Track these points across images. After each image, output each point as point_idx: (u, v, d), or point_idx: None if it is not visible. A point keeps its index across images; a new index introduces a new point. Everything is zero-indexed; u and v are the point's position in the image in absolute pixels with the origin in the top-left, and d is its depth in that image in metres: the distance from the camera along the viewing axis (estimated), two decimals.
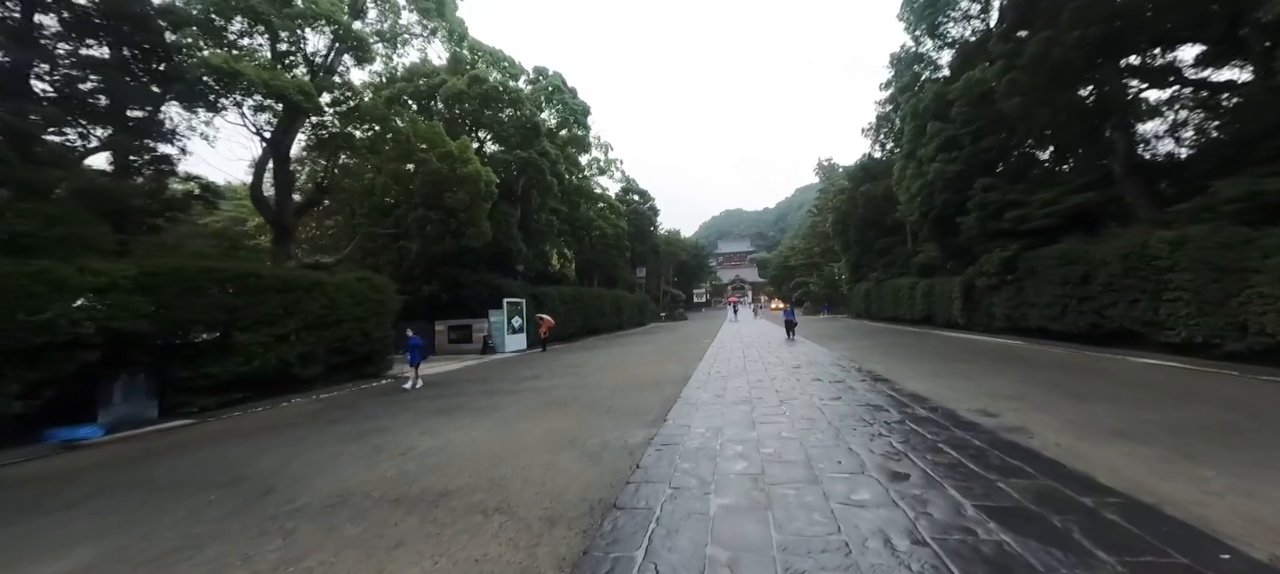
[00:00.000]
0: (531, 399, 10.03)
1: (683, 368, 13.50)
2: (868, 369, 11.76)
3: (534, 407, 9.20)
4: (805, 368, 12.33)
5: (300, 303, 12.67)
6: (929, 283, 26.80)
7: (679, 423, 7.16)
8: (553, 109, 29.12)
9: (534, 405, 9.33)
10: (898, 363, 12.71)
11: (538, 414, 8.50)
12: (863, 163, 39.26)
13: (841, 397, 8.48)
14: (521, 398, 10.26)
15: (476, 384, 12.93)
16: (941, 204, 20.72)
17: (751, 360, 14.41)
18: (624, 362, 16.29)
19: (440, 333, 24.24)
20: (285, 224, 14.82)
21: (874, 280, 36.87)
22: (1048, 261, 15.90)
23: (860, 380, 10.16)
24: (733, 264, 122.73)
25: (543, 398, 10.10)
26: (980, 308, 21.35)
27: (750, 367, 13.01)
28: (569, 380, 12.50)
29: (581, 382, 12.12)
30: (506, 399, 10.21)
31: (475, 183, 18.36)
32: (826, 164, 76.73)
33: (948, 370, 11.12)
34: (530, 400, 9.90)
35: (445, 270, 24.06)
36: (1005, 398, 7.88)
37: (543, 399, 9.96)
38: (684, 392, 9.70)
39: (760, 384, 10.08)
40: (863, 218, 40.24)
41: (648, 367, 14.45)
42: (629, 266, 50.61)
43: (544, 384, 12.14)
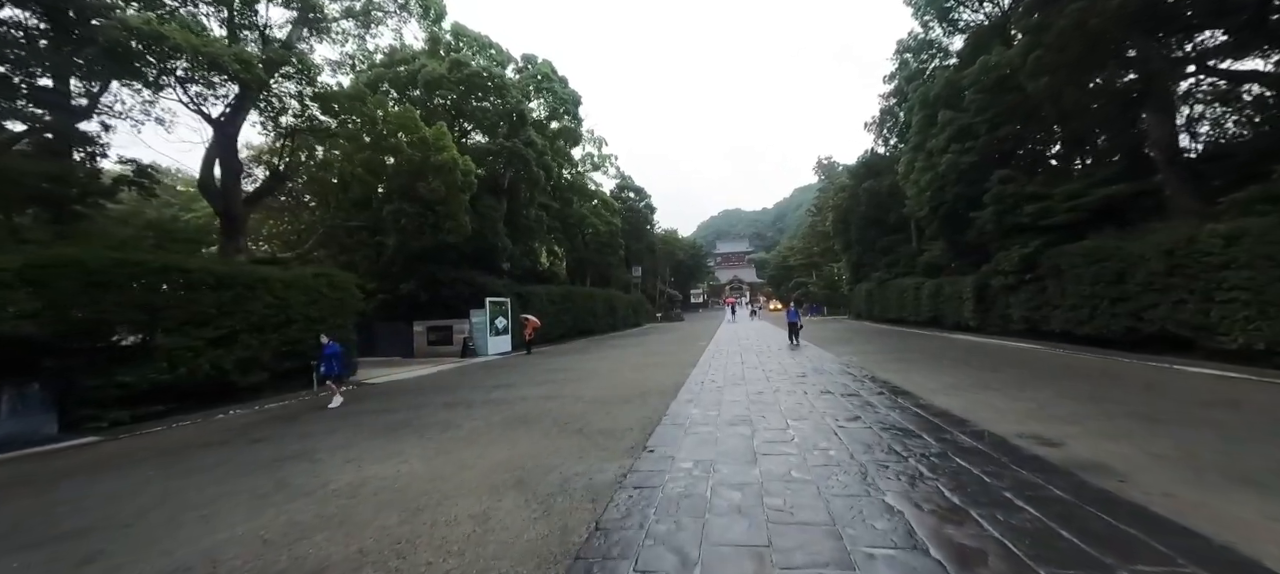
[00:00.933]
0: (494, 414, 8.59)
1: (674, 375, 12.08)
2: (883, 379, 10.35)
3: (494, 425, 7.76)
4: (811, 377, 10.92)
5: (241, 302, 11.21)
6: (937, 283, 25.42)
7: (662, 452, 5.74)
8: (542, 99, 27.68)
9: (495, 423, 7.89)
10: (915, 371, 11.31)
11: (494, 436, 7.06)
12: (865, 159, 37.90)
13: (860, 416, 7.06)
14: (483, 412, 8.82)
15: (440, 393, 11.49)
16: (953, 198, 19.34)
17: (750, 367, 13.00)
18: (611, 367, 14.87)
19: (419, 334, 22.77)
20: (234, 215, 13.39)
21: (876, 280, 35.51)
22: (1075, 259, 14.52)
23: (877, 393, 8.74)
24: (731, 264, 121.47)
25: (508, 412, 8.67)
26: (994, 309, 19.98)
27: (749, 375, 11.60)
28: (544, 389, 11.07)
29: (558, 391, 10.69)
30: (466, 414, 8.77)
31: (451, 172, 16.90)
32: (826, 162, 75.41)
33: (976, 381, 9.72)
34: (492, 415, 8.46)
35: (424, 267, 22.60)
36: (1059, 420, 6.47)
37: (507, 414, 8.52)
38: (672, 406, 8.28)
39: (761, 398, 8.66)
40: (865, 216, 38.84)
41: (635, 373, 13.03)
42: (624, 266, 49.20)
43: (516, 394, 10.70)
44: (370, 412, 9.65)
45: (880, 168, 37.08)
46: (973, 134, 18.31)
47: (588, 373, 13.70)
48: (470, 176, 17.95)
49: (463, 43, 25.18)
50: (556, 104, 27.18)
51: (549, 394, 10.42)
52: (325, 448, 6.94)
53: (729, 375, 11.54)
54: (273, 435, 7.97)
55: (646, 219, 53.32)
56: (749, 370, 12.26)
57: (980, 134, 18.12)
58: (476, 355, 21.03)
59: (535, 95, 27.70)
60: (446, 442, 6.88)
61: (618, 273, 45.81)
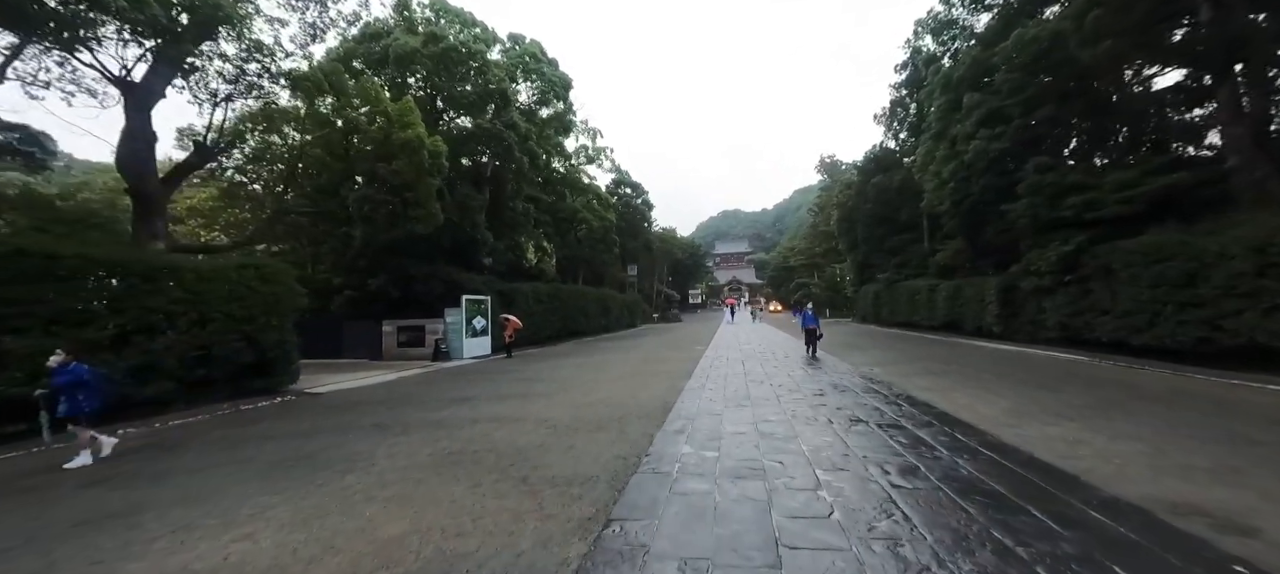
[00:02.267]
0: (426, 446, 6.58)
1: (665, 390, 10.09)
2: (922, 400, 8.35)
3: (416, 465, 5.76)
4: (831, 397, 8.92)
5: (137, 296, 9.19)
6: (955, 285, 23.46)
7: (631, 533, 3.75)
8: (531, 83, 25.66)
9: (419, 461, 5.89)
10: (958, 390, 9.32)
11: (407, 488, 5.06)
12: (874, 153, 35.98)
13: (917, 465, 5.07)
14: (415, 441, 6.81)
15: (380, 409, 9.47)
16: (980, 190, 17.37)
17: (755, 380, 11.00)
18: (594, 376, 12.88)
19: (388, 334, 20.72)
20: (148, 194, 11.37)
21: (884, 281, 33.59)
22: (1131, 257, 12.56)
23: (924, 424, 6.75)
24: (730, 265, 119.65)
25: (446, 443, 6.66)
26: (1023, 314, 18.03)
27: (755, 391, 9.60)
28: (507, 406, 9.07)
29: (521, 410, 8.69)
30: (392, 444, 6.76)
31: (417, 152, 14.87)
32: (829, 160, 73.62)
33: (1040, 405, 7.73)
34: (422, 449, 6.45)
35: (395, 261, 20.57)
36: (1208, 477, 4.50)
37: (443, 446, 6.51)
38: (657, 440, 6.29)
39: (773, 430, 6.66)
40: (872, 214, 36.89)
41: (620, 385, 11.04)
42: (619, 264, 47.19)
43: (469, 413, 8.70)
44: (277, 435, 7.62)
45: (889, 163, 35.19)
46: (1004, 117, 16.33)
47: (565, 383, 11.70)
48: (440, 159, 15.92)
49: (443, 18, 23.17)
50: (545, 88, 25.18)
51: (509, 414, 8.41)
52: (171, 496, 4.94)
53: (731, 392, 9.54)
54: (121, 473, 5.95)
55: (643, 216, 51.30)
56: (754, 385, 10.25)
57: (1013, 117, 16.14)
58: (449, 359, 19.01)
59: (523, 79, 25.70)
60: (336, 496, 4.87)
61: (612, 271, 43.81)
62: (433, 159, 15.58)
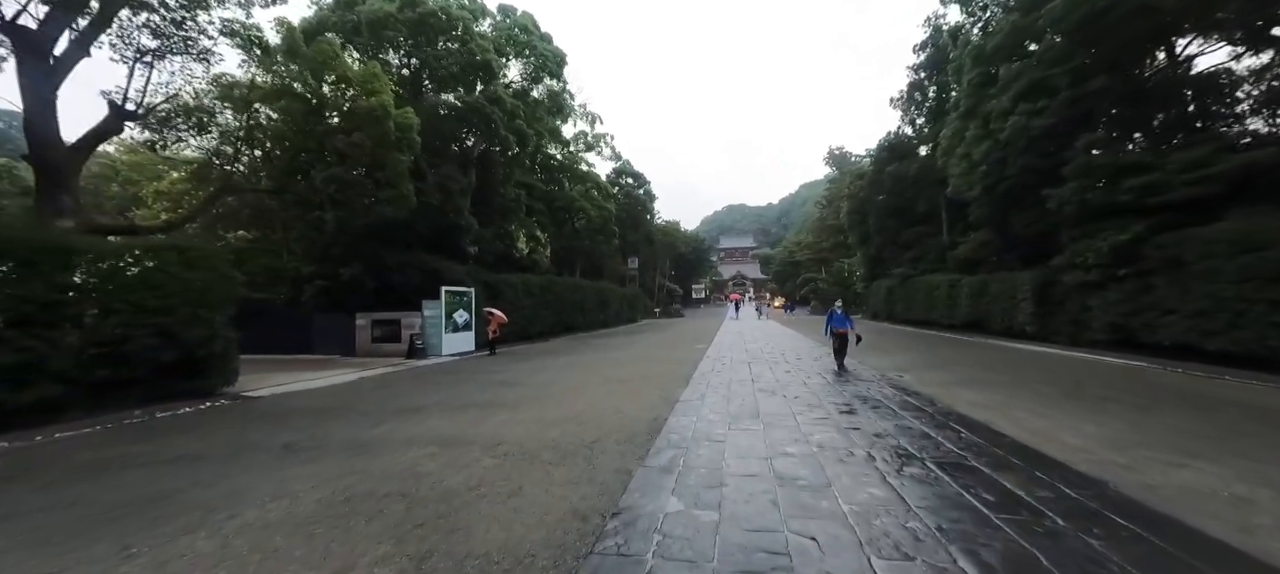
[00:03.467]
0: (325, 485, 4.87)
1: (655, 400, 8.34)
2: (979, 421, 6.56)
3: (288, 520, 4.04)
4: (862, 413, 7.14)
5: (7, 283, 7.50)
6: (979, 280, 21.59)
7: None
8: (522, 61, 23.84)
9: (298, 514, 4.18)
10: (1020, 408, 7.52)
11: (245, 562, 3.34)
12: (888, 140, 33.97)
13: (1035, 551, 3.30)
14: (313, 476, 5.10)
15: (305, 421, 7.75)
16: (1018, 171, 15.44)
17: (765, 388, 9.23)
18: (579, 379, 11.16)
19: (361, 329, 19.05)
20: (52, 163, 9.69)
21: (899, 277, 31.71)
22: (1210, 247, 10.69)
23: (1002, 464, 4.98)
24: (734, 260, 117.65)
25: (350, 481, 4.94)
26: (1062, 312, 16.16)
27: (766, 405, 7.83)
28: (458, 423, 7.36)
29: (474, 428, 6.98)
30: (282, 478, 5.04)
31: (380, 122, 13.11)
32: (838, 152, 71.55)
33: (1148, 436, 5.94)
34: (316, 490, 4.73)
35: (370, 249, 18.87)
36: None
37: (343, 487, 4.80)
38: (635, 483, 4.56)
39: (794, 475, 4.90)
40: (886, 205, 34.96)
41: (604, 393, 9.30)
42: (620, 256, 45.46)
43: (408, 430, 6.98)
44: (153, 460, 5.92)
45: (905, 150, 33.22)
46: (1048, 90, 14.39)
47: (544, 389, 9.97)
48: (411, 132, 14.15)
49: None
50: (538, 65, 23.37)
51: (457, 433, 6.69)
52: None
53: (736, 406, 7.77)
54: None
55: (645, 207, 49.47)
56: (765, 397, 8.48)
57: (1059, 90, 14.20)
58: (426, 356, 17.32)
59: (514, 56, 23.87)
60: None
61: (612, 264, 42.09)
62: (402, 132, 13.82)
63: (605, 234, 36.32)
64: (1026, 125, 14.44)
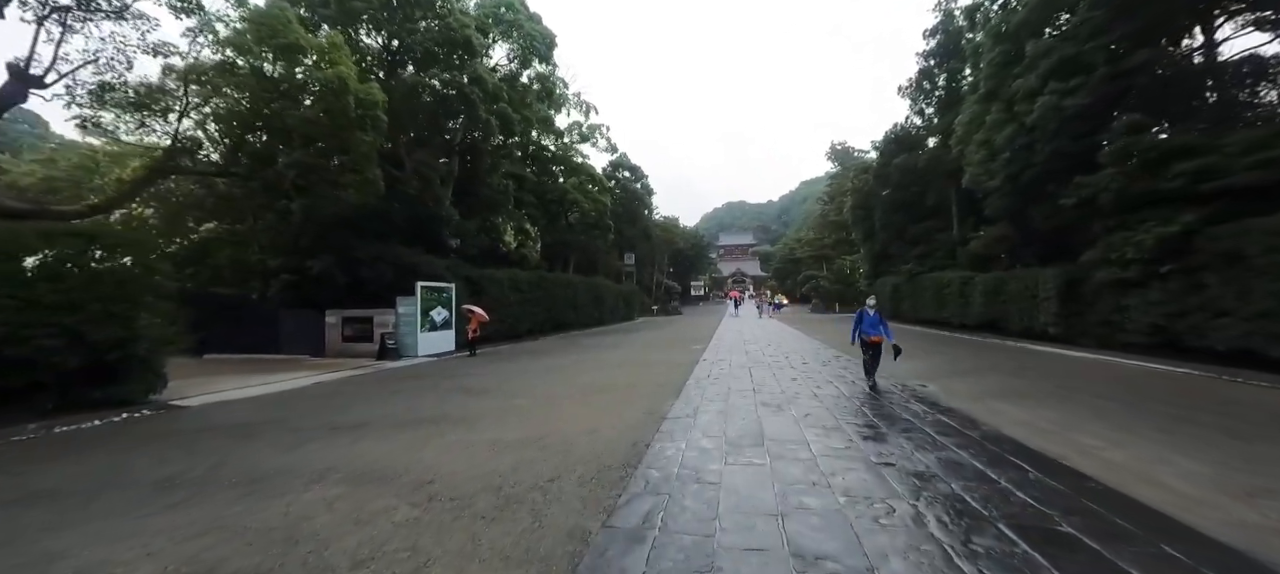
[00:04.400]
0: (153, 557, 3.51)
1: (642, 415, 7.00)
2: (1042, 453, 5.21)
3: None
4: (894, 440, 5.79)
5: None
6: (995, 277, 20.24)
7: None
8: (509, 43, 22.40)
9: None
10: (1084, 432, 6.18)
11: None
12: (895, 131, 32.56)
13: None
14: (151, 534, 3.75)
15: (220, 440, 6.40)
16: (1047, 158, 14.04)
17: (769, 402, 7.88)
18: (557, 387, 9.82)
19: (331, 327, 17.71)
20: None
21: (906, 274, 30.33)
22: (1276, 240, 9.32)
23: (1107, 533, 3.64)
24: (734, 257, 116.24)
25: (198, 547, 3.60)
26: (1092, 312, 14.82)
27: (772, 425, 6.47)
28: (394, 447, 6.01)
29: (412, 454, 5.63)
30: (93, 540, 3.69)
31: (338, 96, 11.72)
32: (840, 147, 70.11)
33: None
34: (133, 568, 3.38)
35: (340, 240, 17.50)
36: None
37: (185, 556, 3.44)
38: (593, 553, 3.19)
39: (822, 551, 3.55)
40: (892, 199, 33.54)
41: (584, 404, 7.97)
42: (616, 252, 44.08)
43: (329, 457, 5.64)
44: None
45: (913, 142, 31.81)
46: (1085, 66, 12.96)
47: (508, 402, 8.62)
48: (376, 110, 12.74)
49: None
50: (525, 47, 21.93)
51: (386, 464, 5.35)
52: None
53: (735, 426, 6.42)
54: None
55: (643, 202, 48.04)
56: (769, 415, 7.12)
57: (1095, 66, 12.78)
58: (399, 357, 15.98)
59: (501, 39, 22.44)
60: None
61: (608, 260, 40.73)
62: (364, 109, 12.41)
63: (600, 228, 34.92)
64: (1058, 105, 13.04)
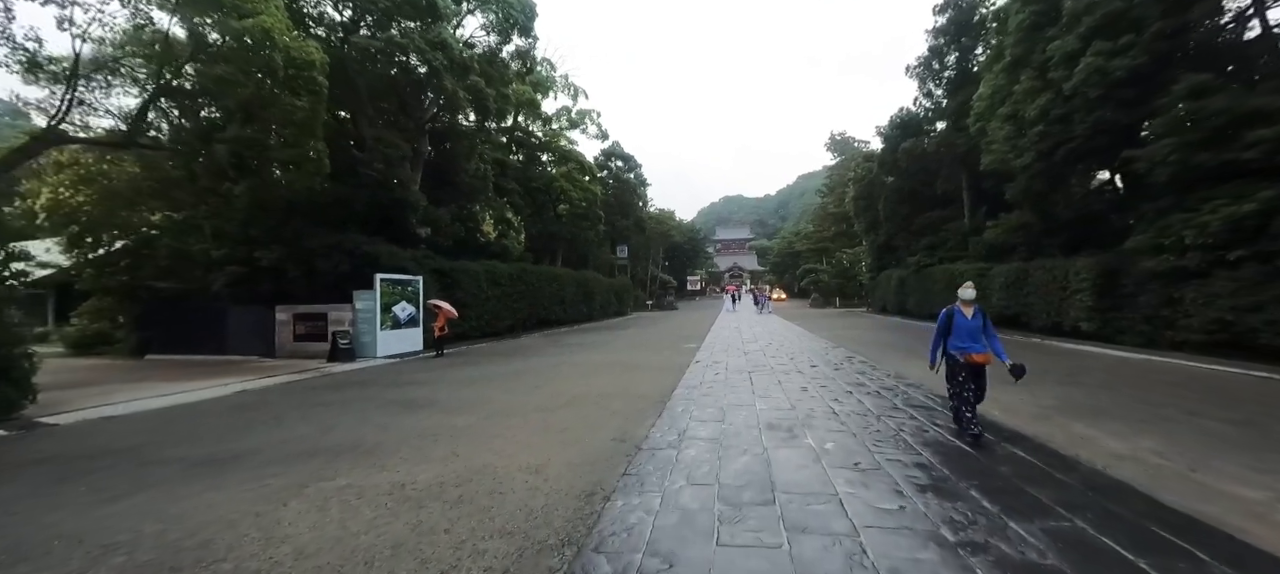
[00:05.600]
0: None
1: (602, 448, 5.26)
2: (1203, 519, 3.47)
3: None
4: (967, 496, 4.04)
5: None
6: (1016, 269, 18.57)
7: None
8: (485, 13, 20.43)
9: None
10: (1235, 479, 4.44)
11: None
12: (901, 116, 30.77)
13: None
14: None
15: (37, 480, 4.61)
16: (1089, 129, 12.25)
17: (777, 422, 6.14)
18: (514, 401, 8.05)
19: (282, 324, 15.89)
20: None
21: (913, 266, 28.66)
22: None
23: None
24: (731, 251, 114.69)
25: None
26: (1134, 306, 13.14)
27: (786, 475, 4.72)
28: (249, 499, 4.25)
29: (250, 525, 3.86)
30: None
31: (260, 53, 9.80)
32: (840, 137, 68.45)
33: None
34: None
35: (293, 228, 15.66)
36: None
37: None
38: None
39: None
40: (898, 188, 31.86)
41: (537, 429, 6.21)
42: (608, 244, 42.25)
43: (124, 524, 3.86)
44: None
45: (919, 128, 30.06)
46: (1136, 23, 11.14)
47: (443, 423, 6.85)
48: (313, 73, 10.85)
49: None
50: (503, 18, 20.02)
51: (190, 539, 3.57)
52: None
53: (732, 467, 4.67)
54: None
55: (636, 192, 46.13)
56: (780, 446, 5.37)
57: (1150, 21, 10.97)
58: (354, 358, 14.18)
59: (477, 9, 20.48)
60: None
61: (598, 252, 38.91)
62: (296, 70, 10.54)
63: (590, 220, 33.06)
64: (1103, 67, 11.27)
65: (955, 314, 5.38)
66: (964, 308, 5.38)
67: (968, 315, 5.34)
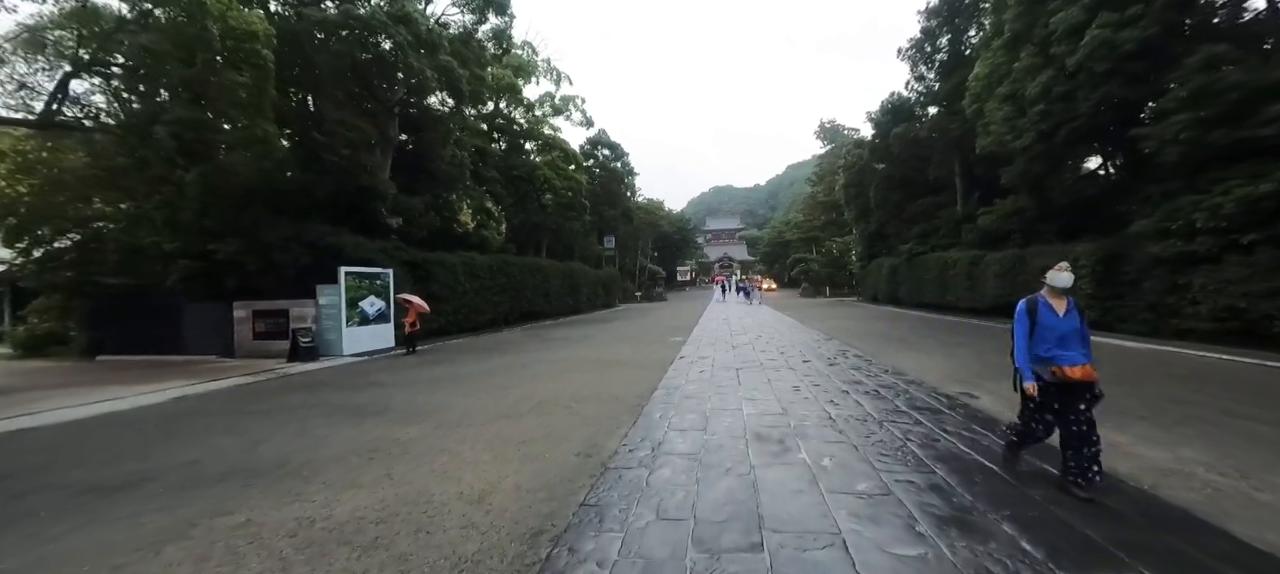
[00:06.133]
0: None
1: (563, 468, 4.49)
2: None
3: None
4: (1066, 569, 3.31)
5: None
6: (1011, 256, 18.04)
7: None
8: None
9: None
10: None
11: None
12: (892, 101, 30.14)
13: None
14: None
15: None
16: (1093, 107, 11.63)
17: (768, 432, 5.44)
18: (476, 407, 7.26)
19: (241, 321, 14.91)
20: None
21: (904, 254, 28.16)
22: None
23: None
24: (721, 242, 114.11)
25: None
26: (1136, 294, 12.64)
27: (776, 506, 3.99)
28: (106, 550, 3.41)
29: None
30: None
31: (192, 21, 8.78)
32: (829, 125, 67.96)
33: None
34: None
35: (250, 218, 14.63)
36: None
37: None
38: None
39: None
40: (889, 175, 31.34)
41: (491, 442, 5.44)
42: (595, 235, 41.39)
43: None
44: None
45: (912, 113, 29.44)
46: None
47: (391, 435, 6.05)
48: (252, 43, 9.82)
49: None
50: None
51: None
52: None
53: (713, 498, 3.92)
54: None
55: (624, 181, 45.18)
56: (768, 465, 4.64)
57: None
58: (317, 357, 13.26)
59: None
60: None
61: (584, 243, 38.04)
62: (236, 41, 9.54)
63: (576, 209, 32.15)
64: (1111, 40, 10.62)
65: (1041, 309, 3.70)
66: (1053, 301, 3.72)
67: (1059, 312, 3.66)
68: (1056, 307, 3.70)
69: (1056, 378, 3.58)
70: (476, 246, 22.30)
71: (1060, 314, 3.66)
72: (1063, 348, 3.60)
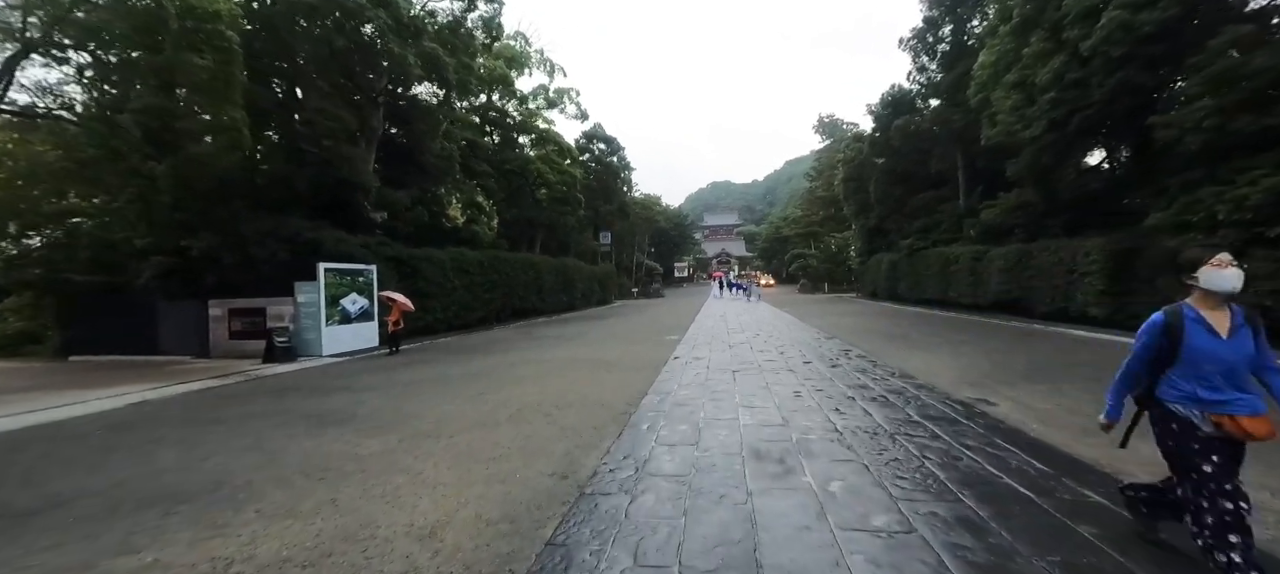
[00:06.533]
0: None
1: (538, 492, 3.91)
2: None
3: None
4: None
5: None
6: (1018, 250, 17.51)
7: None
8: None
9: None
10: None
11: None
12: (893, 94, 29.56)
13: None
14: None
15: None
16: (1109, 93, 11.03)
17: (767, 448, 4.87)
18: (452, 415, 6.69)
19: (217, 320, 14.32)
20: None
21: (905, 249, 27.63)
22: None
23: None
24: (719, 238, 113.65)
25: None
26: (1150, 290, 12.04)
27: (780, 561, 3.43)
28: None
29: None
30: None
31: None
32: (828, 120, 67.28)
33: None
34: None
35: (225, 213, 14.00)
36: None
37: None
38: None
39: None
40: (889, 169, 30.78)
41: (464, 456, 4.86)
42: (591, 230, 40.76)
43: None
44: None
45: (913, 105, 28.87)
46: None
47: (351, 450, 5.47)
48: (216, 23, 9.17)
49: None
50: None
51: None
52: None
53: (702, 535, 3.35)
54: None
55: (620, 176, 44.53)
56: (767, 491, 4.07)
57: None
58: (294, 358, 12.67)
59: None
60: None
61: (579, 238, 37.42)
62: (196, 23, 8.90)
63: (570, 204, 31.52)
64: (1130, 21, 10.05)
65: (1188, 324, 2.41)
66: (1210, 313, 2.42)
67: (1221, 330, 2.38)
68: (1215, 323, 2.38)
69: (1218, 431, 2.33)
70: (467, 242, 21.70)
71: (1223, 334, 2.36)
72: (1227, 385, 2.34)
